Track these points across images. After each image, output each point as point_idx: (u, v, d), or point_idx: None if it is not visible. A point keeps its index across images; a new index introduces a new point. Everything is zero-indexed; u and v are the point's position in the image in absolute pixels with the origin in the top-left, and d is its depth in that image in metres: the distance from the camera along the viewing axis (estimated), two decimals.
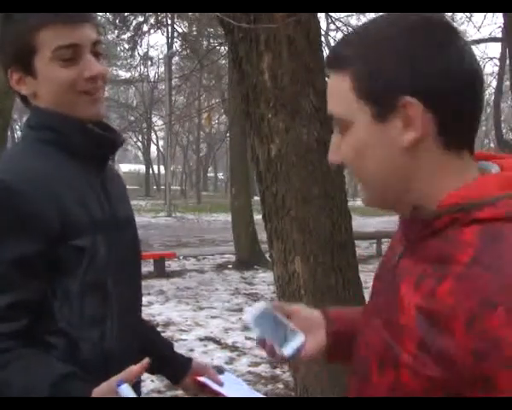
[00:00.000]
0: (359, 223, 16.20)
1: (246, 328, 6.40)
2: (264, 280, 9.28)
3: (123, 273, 1.23)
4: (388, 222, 17.25)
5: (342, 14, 14.04)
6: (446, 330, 0.70)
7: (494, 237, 0.72)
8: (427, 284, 0.74)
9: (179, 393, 4.22)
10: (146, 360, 1.06)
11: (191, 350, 5.46)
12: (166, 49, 24.57)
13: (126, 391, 1.03)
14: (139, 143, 44.14)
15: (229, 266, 11.00)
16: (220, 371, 1.43)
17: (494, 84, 14.75)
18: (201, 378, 1.37)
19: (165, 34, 23.29)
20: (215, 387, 1.35)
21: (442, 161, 0.79)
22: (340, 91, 0.81)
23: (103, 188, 1.25)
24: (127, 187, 1.44)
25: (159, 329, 3.49)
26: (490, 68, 23.99)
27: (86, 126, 1.20)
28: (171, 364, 1.45)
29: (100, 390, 1.04)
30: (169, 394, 4.39)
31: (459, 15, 13.99)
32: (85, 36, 1.17)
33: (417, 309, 0.74)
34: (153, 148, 45.70)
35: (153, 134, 40.79)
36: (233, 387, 1.36)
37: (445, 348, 0.70)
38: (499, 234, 0.72)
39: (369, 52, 0.78)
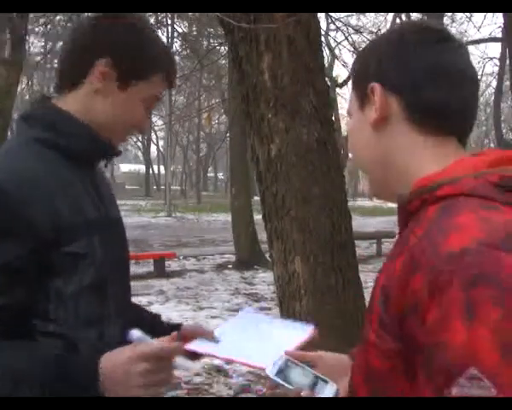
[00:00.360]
0: (359, 223, 16.18)
1: None
2: (264, 280, 9.27)
3: (117, 273, 1.23)
4: (388, 222, 17.25)
5: (342, 14, 14.01)
6: (392, 300, 0.74)
7: (447, 211, 0.75)
8: (391, 262, 0.78)
9: (179, 393, 4.22)
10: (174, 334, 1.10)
11: None
12: None
13: (137, 334, 1.04)
14: (139, 143, 44.10)
15: (229, 266, 10.99)
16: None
17: (494, 84, 14.76)
18: (190, 346, 1.20)
19: (165, 34, 23.30)
20: (207, 350, 1.21)
21: (419, 147, 0.84)
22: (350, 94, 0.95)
23: (96, 188, 1.24)
24: (127, 187, 1.44)
25: None
26: (490, 68, 24.01)
27: (98, 136, 1.20)
28: (160, 333, 1.40)
29: (111, 354, 1.06)
30: (169, 394, 4.39)
31: (459, 15, 14.02)
32: None
33: (380, 288, 0.78)
34: (153, 148, 45.74)
35: (153, 134, 40.79)
36: (236, 337, 1.25)
37: (391, 316, 0.74)
38: (452, 207, 0.75)
39: (362, 55, 0.93)
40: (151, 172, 46.15)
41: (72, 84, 1.20)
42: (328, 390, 1.03)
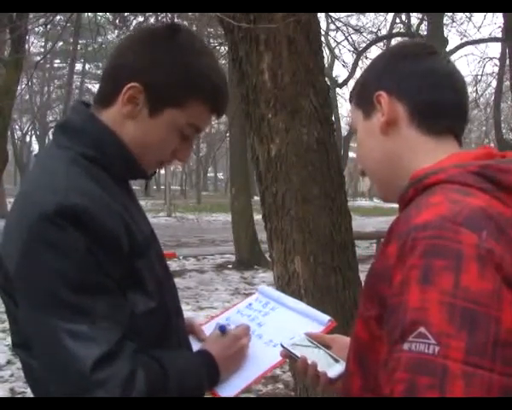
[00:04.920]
0: (359, 223, 16.20)
1: None
2: (264, 280, 9.27)
3: (169, 284, 1.21)
4: (388, 222, 17.10)
5: (342, 14, 14.01)
6: (373, 270, 0.87)
7: (427, 194, 0.84)
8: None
9: None
10: None
11: None
12: None
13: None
14: None
15: (229, 266, 11.00)
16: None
17: (494, 84, 14.73)
18: (223, 394, 1.25)
19: None
20: (241, 385, 1.26)
21: (420, 146, 0.93)
22: (351, 109, 1.05)
23: (136, 203, 1.21)
24: None
25: None
26: (490, 68, 23.92)
27: (136, 161, 1.13)
28: None
29: (209, 343, 1.25)
30: None
31: (459, 15, 13.99)
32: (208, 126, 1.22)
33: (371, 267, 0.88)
34: None
35: None
36: (257, 345, 1.30)
37: (372, 282, 0.86)
38: (432, 191, 0.84)
39: (362, 75, 1.04)
40: None
41: (107, 101, 1.13)
42: (336, 368, 1.10)
